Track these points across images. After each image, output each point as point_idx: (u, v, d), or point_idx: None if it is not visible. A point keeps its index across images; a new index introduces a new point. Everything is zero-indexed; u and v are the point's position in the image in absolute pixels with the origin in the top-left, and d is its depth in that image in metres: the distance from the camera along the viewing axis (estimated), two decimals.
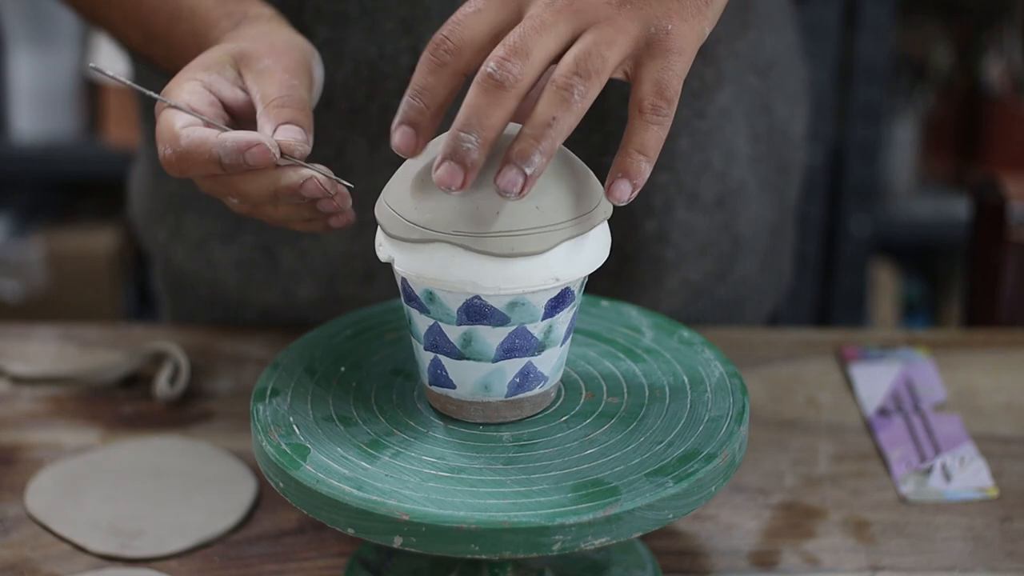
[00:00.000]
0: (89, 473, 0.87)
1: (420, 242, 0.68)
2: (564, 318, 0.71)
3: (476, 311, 0.69)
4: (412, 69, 0.92)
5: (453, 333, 0.70)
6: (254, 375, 0.96)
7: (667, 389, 0.75)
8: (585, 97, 0.65)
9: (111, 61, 2.14)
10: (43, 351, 1.02)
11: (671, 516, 0.67)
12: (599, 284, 0.96)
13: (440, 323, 0.70)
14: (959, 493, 0.86)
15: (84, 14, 0.96)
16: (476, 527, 0.64)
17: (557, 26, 0.66)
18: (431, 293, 0.69)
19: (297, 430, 0.71)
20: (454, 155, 0.65)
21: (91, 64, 0.78)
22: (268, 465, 0.70)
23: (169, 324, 1.11)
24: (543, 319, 0.70)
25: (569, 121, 0.65)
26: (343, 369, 0.76)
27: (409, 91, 0.68)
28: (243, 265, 1.02)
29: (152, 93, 0.76)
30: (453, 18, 0.67)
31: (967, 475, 0.88)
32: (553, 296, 0.69)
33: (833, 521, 0.84)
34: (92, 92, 2.22)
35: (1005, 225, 1.15)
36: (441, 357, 0.71)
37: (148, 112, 1.06)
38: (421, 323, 0.71)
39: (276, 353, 0.79)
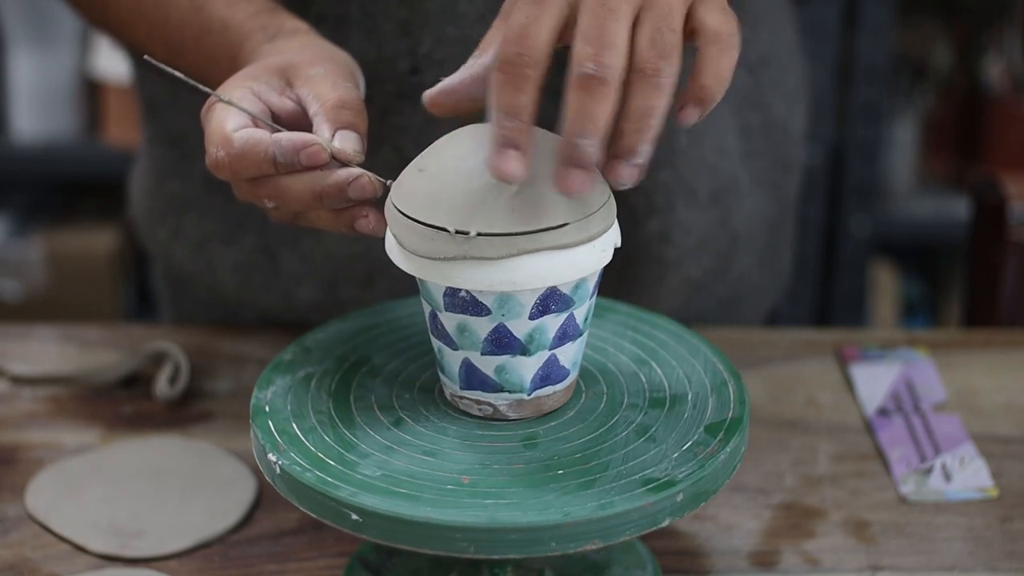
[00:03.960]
0: (89, 473, 0.87)
1: (512, 255, 0.67)
2: (594, 289, 0.73)
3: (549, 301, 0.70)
4: (411, 72, 0.92)
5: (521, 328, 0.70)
6: (254, 375, 0.95)
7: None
8: (672, 76, 0.66)
9: (110, 62, 2.14)
10: (43, 351, 1.02)
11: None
12: (602, 283, 0.96)
13: (507, 322, 0.70)
14: (959, 493, 0.86)
15: (102, 28, 0.95)
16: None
17: (622, 6, 0.66)
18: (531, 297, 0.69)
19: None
20: (578, 161, 0.65)
21: (146, 56, 0.79)
22: (418, 531, 0.65)
23: (169, 324, 1.11)
24: (589, 298, 0.71)
25: (664, 103, 0.66)
26: (331, 407, 0.74)
27: (499, 114, 0.66)
28: (243, 267, 1.02)
29: (208, 89, 0.76)
30: (514, 33, 0.66)
31: (967, 475, 0.88)
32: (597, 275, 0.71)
33: (833, 521, 0.84)
34: (92, 92, 2.22)
35: (1005, 225, 1.14)
36: (505, 357, 0.70)
37: (150, 112, 1.06)
38: (480, 327, 0.70)
39: (276, 353, 0.79)
